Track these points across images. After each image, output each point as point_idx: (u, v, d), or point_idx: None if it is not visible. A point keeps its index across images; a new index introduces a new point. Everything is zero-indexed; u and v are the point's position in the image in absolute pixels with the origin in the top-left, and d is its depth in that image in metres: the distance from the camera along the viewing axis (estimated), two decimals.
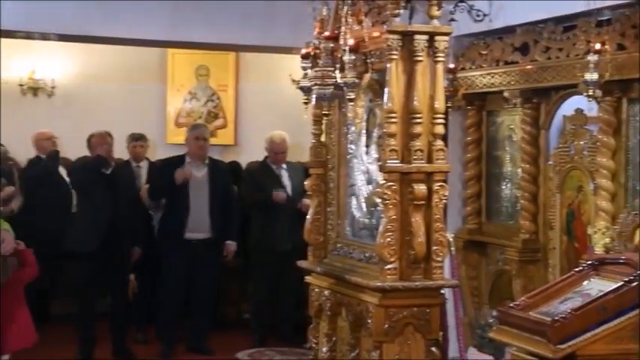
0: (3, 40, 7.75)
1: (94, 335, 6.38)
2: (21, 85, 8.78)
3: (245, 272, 7.43)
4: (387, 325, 3.65)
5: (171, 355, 6.65)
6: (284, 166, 7.07)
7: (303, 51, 4.01)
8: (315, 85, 3.83)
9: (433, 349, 3.74)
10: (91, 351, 6.37)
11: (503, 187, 5.85)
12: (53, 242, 6.73)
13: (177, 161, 6.71)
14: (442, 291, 3.87)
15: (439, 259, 3.70)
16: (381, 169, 3.72)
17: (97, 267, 6.29)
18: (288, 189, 6.94)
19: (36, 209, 6.87)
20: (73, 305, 6.68)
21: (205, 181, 6.66)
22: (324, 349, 4.22)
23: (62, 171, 7.46)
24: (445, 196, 3.72)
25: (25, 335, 4.94)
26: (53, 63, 8.81)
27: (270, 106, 8.91)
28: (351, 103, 3.85)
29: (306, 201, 5.97)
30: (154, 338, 6.93)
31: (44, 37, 7.09)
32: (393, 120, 3.67)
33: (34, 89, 8.84)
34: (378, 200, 3.77)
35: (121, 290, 6.54)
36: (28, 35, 7.02)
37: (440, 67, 3.72)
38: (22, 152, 8.10)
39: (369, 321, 3.72)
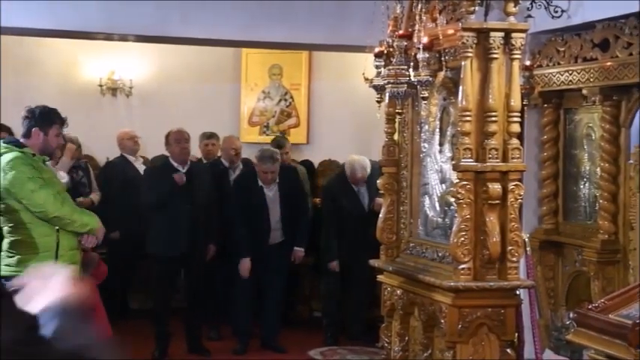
0: (84, 41, 7.97)
1: (169, 331, 6.49)
2: (100, 86, 9.00)
3: (316, 271, 7.46)
4: (460, 326, 3.61)
5: (245, 352, 6.72)
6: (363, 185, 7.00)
7: (377, 49, 4.00)
8: (389, 83, 3.82)
9: (508, 350, 3.68)
10: (167, 347, 6.49)
11: (581, 186, 5.72)
12: (133, 240, 6.89)
13: (251, 180, 6.73)
14: (517, 292, 3.81)
15: (514, 259, 3.64)
16: (455, 168, 3.68)
17: (173, 265, 6.41)
18: (365, 202, 6.92)
19: (116, 206, 7.05)
20: (150, 300, 6.83)
21: (276, 198, 6.72)
22: (397, 349, 4.21)
23: (140, 169, 7.61)
24: (520, 195, 3.66)
25: (103, 332, 5.06)
26: (131, 64, 9.01)
27: (342, 104, 8.91)
28: (425, 102, 3.83)
29: (378, 200, 5.96)
30: (228, 335, 7.02)
31: (123, 38, 7.27)
32: (468, 118, 3.63)
33: (113, 89, 9.05)
34: (452, 199, 3.74)
35: (195, 287, 6.63)
36: (108, 37, 7.21)
37: (516, 65, 3.66)
38: (101, 150, 8.32)
39: (443, 321, 3.69)
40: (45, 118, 4.64)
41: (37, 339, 1.02)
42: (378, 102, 4.10)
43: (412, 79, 3.71)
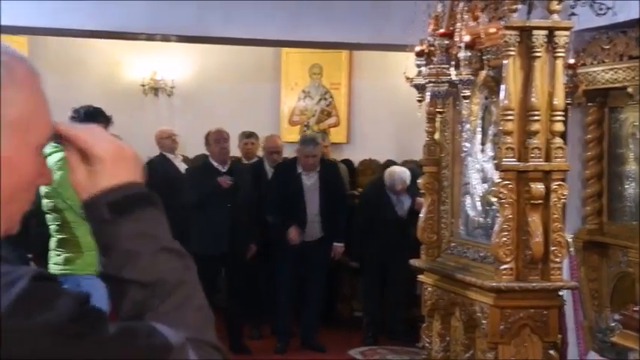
0: (128, 42, 8.07)
1: None
2: (143, 86, 9.11)
3: (357, 270, 7.46)
4: (502, 326, 3.58)
5: (285, 351, 6.74)
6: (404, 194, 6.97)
7: (418, 48, 3.99)
8: (430, 82, 3.80)
9: (551, 351, 3.64)
10: None
11: (627, 186, 5.62)
12: (175, 239, 6.93)
13: (291, 166, 6.78)
14: (560, 293, 3.77)
15: (557, 259, 3.60)
16: (497, 167, 3.65)
17: (214, 264, 6.45)
18: (405, 206, 6.88)
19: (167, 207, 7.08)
20: None
21: (316, 188, 6.72)
22: (438, 349, 4.18)
23: (181, 167, 7.67)
24: (564, 195, 3.62)
25: None
26: (173, 64, 9.10)
27: (383, 104, 8.90)
28: (466, 101, 3.80)
29: (419, 199, 5.93)
30: (269, 334, 7.05)
31: (165, 38, 7.34)
32: (510, 117, 3.59)
33: (155, 89, 9.16)
34: (494, 199, 3.70)
35: (236, 287, 6.66)
36: (150, 37, 7.29)
37: (559, 63, 3.62)
38: (143, 150, 8.41)
39: (484, 321, 3.66)
40: (89, 117, 4.71)
41: (91, 312, 1.04)
42: (419, 101, 4.08)
43: (453, 78, 3.69)
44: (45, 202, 4.58)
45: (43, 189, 4.58)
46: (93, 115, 4.74)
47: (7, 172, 1.07)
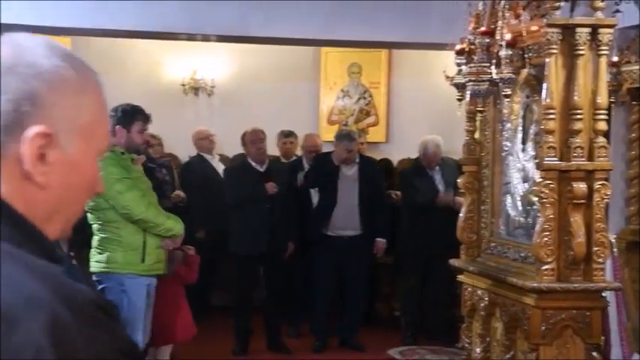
0: (168, 42, 8.14)
1: (249, 328, 6.57)
2: (183, 85, 9.18)
3: (396, 269, 7.44)
4: (544, 327, 3.54)
5: (324, 349, 6.75)
6: (437, 167, 6.98)
7: (458, 47, 3.96)
8: (470, 81, 3.77)
9: (594, 353, 3.59)
10: (247, 343, 6.57)
11: None
12: (214, 238, 6.99)
13: (329, 158, 6.79)
14: (603, 294, 3.71)
15: (600, 260, 3.55)
16: (539, 166, 3.61)
17: (253, 263, 6.48)
18: (442, 189, 6.86)
19: (197, 205, 7.16)
20: (232, 297, 6.93)
21: (355, 179, 6.70)
22: (478, 350, 4.15)
23: (218, 167, 7.72)
24: (607, 195, 3.57)
25: (186, 328, 5.19)
26: (213, 63, 9.16)
27: (422, 103, 8.86)
28: (507, 100, 3.77)
29: (459, 199, 5.90)
30: (307, 332, 7.06)
31: (205, 38, 7.39)
32: (552, 116, 3.55)
33: (195, 89, 9.22)
34: (535, 199, 3.67)
35: (275, 285, 6.68)
36: (191, 37, 7.35)
37: (603, 61, 3.56)
38: (184, 149, 8.48)
39: (525, 322, 3.63)
40: (127, 115, 4.76)
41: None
42: (459, 100, 4.06)
43: (494, 76, 3.66)
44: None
45: None
46: (131, 114, 4.79)
47: (74, 174, 1.10)
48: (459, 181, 4.44)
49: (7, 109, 1.05)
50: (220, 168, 7.62)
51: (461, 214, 4.36)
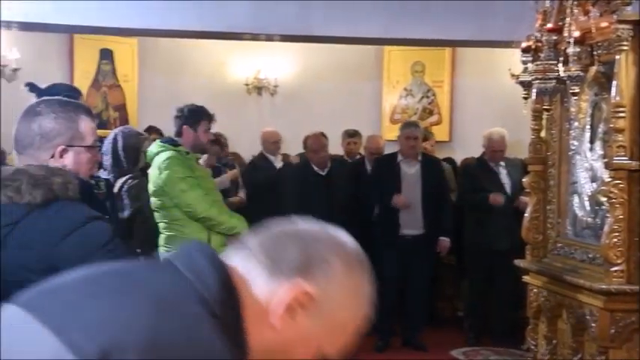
0: (232, 42, 8.23)
1: None
2: (246, 85, 9.28)
3: (460, 269, 7.37)
4: (613, 330, 3.47)
5: (386, 349, 6.73)
6: (502, 163, 6.90)
7: (524, 44, 3.91)
8: (536, 79, 3.72)
9: None
10: None
11: None
12: None
13: (391, 158, 6.77)
14: None
15: None
16: (607, 166, 3.54)
17: None
18: (507, 187, 6.76)
19: (258, 205, 7.21)
20: None
21: (418, 177, 6.65)
22: (543, 352, 4.09)
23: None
24: None
25: None
26: (276, 63, 9.23)
27: (486, 101, 8.77)
28: (575, 98, 3.70)
29: (524, 198, 5.81)
30: (370, 331, 7.04)
31: (269, 38, 7.45)
32: (622, 114, 3.48)
33: (259, 88, 9.30)
34: (604, 199, 3.59)
35: None
36: (254, 37, 7.42)
37: None
38: (247, 148, 8.57)
39: (593, 325, 3.56)
40: (193, 115, 4.83)
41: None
42: (525, 98, 4.00)
43: (561, 74, 3.60)
44: (153, 200, 4.73)
45: (151, 187, 4.73)
46: (198, 114, 4.85)
47: (295, 342, 1.18)
48: (524, 180, 4.39)
49: (296, 257, 1.17)
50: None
51: (526, 214, 4.31)
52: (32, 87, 3.75)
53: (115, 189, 4.94)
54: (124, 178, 4.98)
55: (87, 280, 1.12)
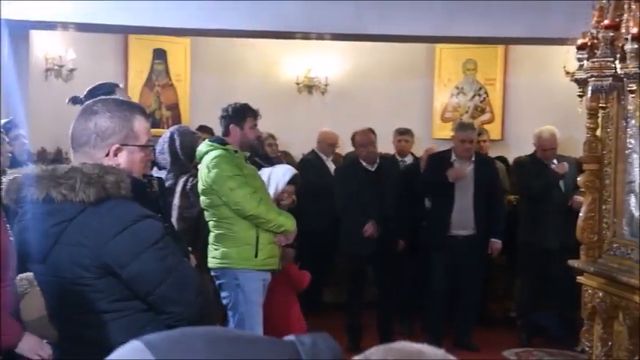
0: (284, 41, 8.26)
1: (360, 325, 6.57)
2: (297, 84, 9.30)
3: (512, 269, 7.28)
4: None
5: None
6: (554, 161, 6.79)
7: (579, 41, 3.84)
8: (592, 76, 3.66)
9: None
10: (359, 339, 6.58)
11: None
12: (327, 236, 7.03)
13: (444, 156, 6.71)
14: None
15: None
16: None
17: (364, 261, 6.49)
18: (560, 184, 6.66)
19: (310, 203, 7.22)
20: (343, 294, 6.96)
21: (470, 177, 6.58)
22: (599, 353, 4.02)
23: (330, 167, 7.74)
24: None
25: (297, 325, 5.24)
26: (327, 62, 9.23)
27: (539, 99, 8.65)
28: (632, 95, 3.63)
29: (578, 197, 5.71)
30: (419, 331, 7.01)
31: (320, 37, 7.46)
32: None
33: (309, 87, 9.32)
34: None
35: (386, 283, 6.65)
36: (306, 36, 7.44)
37: None
38: (297, 147, 8.59)
39: None
40: (238, 113, 4.87)
41: None
42: (580, 96, 3.94)
43: (618, 71, 3.53)
44: (202, 199, 4.78)
45: (200, 186, 4.78)
46: (243, 111, 4.90)
47: None
48: (579, 179, 4.31)
49: None
50: (332, 167, 7.66)
51: (581, 214, 4.23)
52: (74, 100, 3.84)
53: (178, 187, 5.01)
54: (185, 177, 5.05)
55: (208, 340, 1.20)
